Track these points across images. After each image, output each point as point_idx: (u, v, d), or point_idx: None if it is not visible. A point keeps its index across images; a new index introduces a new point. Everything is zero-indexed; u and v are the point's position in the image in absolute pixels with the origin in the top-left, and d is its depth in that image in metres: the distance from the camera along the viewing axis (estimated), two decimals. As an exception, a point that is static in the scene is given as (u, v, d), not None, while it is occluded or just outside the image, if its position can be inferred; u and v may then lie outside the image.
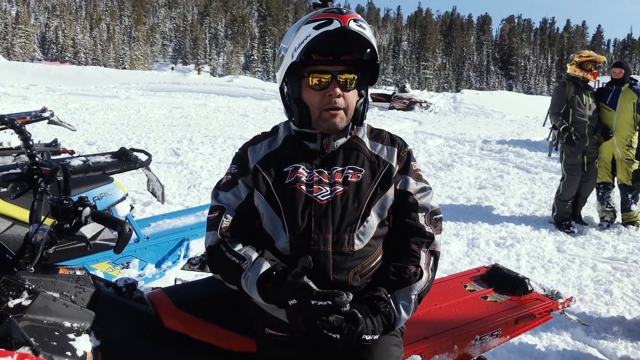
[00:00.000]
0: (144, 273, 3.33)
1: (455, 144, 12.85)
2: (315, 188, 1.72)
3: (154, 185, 5.16)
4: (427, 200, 1.86)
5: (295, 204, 1.71)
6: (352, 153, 1.81)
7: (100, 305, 1.71)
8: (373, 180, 1.78)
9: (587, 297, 4.36)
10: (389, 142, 1.89)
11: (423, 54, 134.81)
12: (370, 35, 1.68)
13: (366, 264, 1.74)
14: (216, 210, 1.79)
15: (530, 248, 5.48)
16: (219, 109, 20.45)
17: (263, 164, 1.79)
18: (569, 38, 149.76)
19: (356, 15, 1.67)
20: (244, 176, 1.80)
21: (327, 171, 1.77)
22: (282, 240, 1.71)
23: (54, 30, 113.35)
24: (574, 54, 6.37)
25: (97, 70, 40.59)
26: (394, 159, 1.85)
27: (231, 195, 1.79)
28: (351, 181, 1.75)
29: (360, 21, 1.67)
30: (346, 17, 1.64)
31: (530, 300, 2.53)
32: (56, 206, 1.58)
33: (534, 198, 7.66)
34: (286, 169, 1.76)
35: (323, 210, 1.70)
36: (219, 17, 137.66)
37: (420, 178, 1.89)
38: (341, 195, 1.72)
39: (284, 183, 1.74)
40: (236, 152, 1.92)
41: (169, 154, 9.99)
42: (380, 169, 1.81)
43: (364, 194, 1.75)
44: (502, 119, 22.61)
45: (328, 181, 1.75)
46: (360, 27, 1.65)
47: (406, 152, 1.90)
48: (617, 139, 6.23)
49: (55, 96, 21.88)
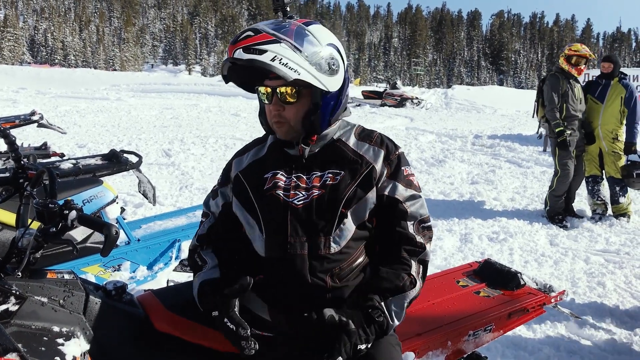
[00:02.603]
0: (136, 275, 3.31)
1: (447, 139, 12.86)
2: (292, 193, 1.72)
3: (145, 186, 5.14)
4: (417, 208, 1.81)
5: (272, 209, 1.72)
6: (333, 156, 1.77)
7: (89, 309, 1.69)
8: (352, 180, 1.74)
9: (580, 290, 4.38)
10: (377, 143, 1.83)
11: (414, 50, 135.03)
12: (267, 60, 1.57)
13: (344, 265, 1.73)
14: (204, 216, 1.93)
15: (523, 242, 5.49)
16: (210, 109, 20.40)
17: (245, 173, 1.83)
18: (558, 32, 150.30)
19: (251, 39, 1.59)
20: (224, 186, 1.88)
21: (306, 176, 1.75)
22: (259, 244, 1.74)
23: (42, 32, 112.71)
24: (566, 47, 6.37)
25: (87, 72, 40.41)
26: (379, 160, 1.78)
27: (214, 204, 1.91)
28: (329, 184, 1.72)
29: (253, 47, 1.58)
30: (232, 47, 1.60)
31: (523, 294, 2.53)
32: (42, 210, 1.56)
33: (526, 192, 7.68)
34: (266, 175, 1.78)
35: (299, 214, 1.70)
36: (209, 17, 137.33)
37: (410, 184, 1.82)
38: (317, 199, 1.71)
39: (263, 189, 1.75)
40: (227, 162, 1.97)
41: (160, 155, 9.96)
42: (362, 169, 1.76)
43: (341, 195, 1.71)
44: (494, 113, 22.66)
45: (306, 186, 1.73)
46: (252, 52, 1.57)
47: (397, 155, 1.83)
48: (602, 132, 6.26)
49: (45, 99, 21.78)
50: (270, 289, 1.74)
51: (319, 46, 1.67)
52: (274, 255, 1.70)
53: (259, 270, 1.75)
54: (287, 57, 1.59)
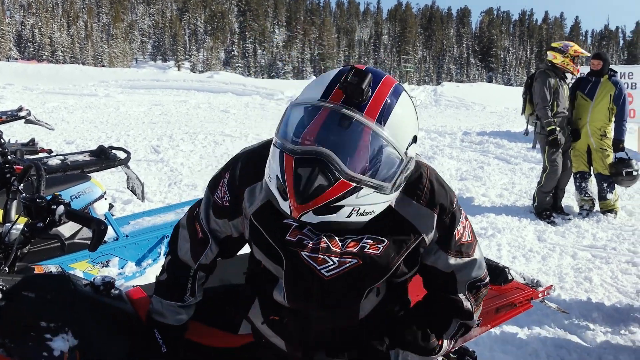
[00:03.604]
0: (124, 271, 3.31)
1: (436, 136, 12.90)
2: (320, 258, 1.39)
3: (133, 183, 5.11)
4: (469, 272, 1.55)
5: (295, 273, 1.44)
6: (374, 219, 1.37)
7: (77, 304, 1.68)
8: (398, 254, 1.43)
9: (567, 285, 4.41)
10: (426, 199, 1.44)
11: (403, 47, 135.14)
12: (343, 217, 1.29)
13: (370, 316, 1.58)
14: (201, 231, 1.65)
15: (511, 238, 5.52)
16: (199, 105, 20.32)
17: (259, 216, 1.47)
18: (547, 29, 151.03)
19: (326, 196, 1.23)
20: (234, 219, 1.57)
21: (339, 238, 1.40)
22: (281, 297, 1.53)
23: (30, 28, 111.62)
24: (566, 45, 6.33)
25: (75, 68, 40.09)
26: (431, 229, 1.44)
27: (221, 224, 1.62)
28: (368, 253, 1.39)
29: (329, 206, 1.25)
30: (301, 207, 1.25)
31: (511, 289, 2.54)
32: (29, 205, 1.55)
33: (515, 188, 7.73)
34: (287, 221, 1.42)
35: (326, 287, 1.42)
36: (198, 13, 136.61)
37: (461, 251, 1.50)
38: (352, 271, 1.40)
39: (284, 238, 1.42)
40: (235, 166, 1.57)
41: (149, 152, 9.91)
42: (409, 241, 1.43)
43: (382, 271, 1.43)
44: (483, 110, 22.77)
45: (339, 250, 1.39)
46: (326, 213, 1.27)
47: (449, 216, 1.46)
48: (591, 129, 6.30)
49: (33, 95, 21.57)
50: (287, 331, 1.61)
51: (400, 160, 1.30)
52: (297, 315, 1.54)
53: (276, 312, 1.59)
54: (366, 202, 1.29)
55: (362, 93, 1.22)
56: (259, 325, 1.67)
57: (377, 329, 1.60)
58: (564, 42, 6.46)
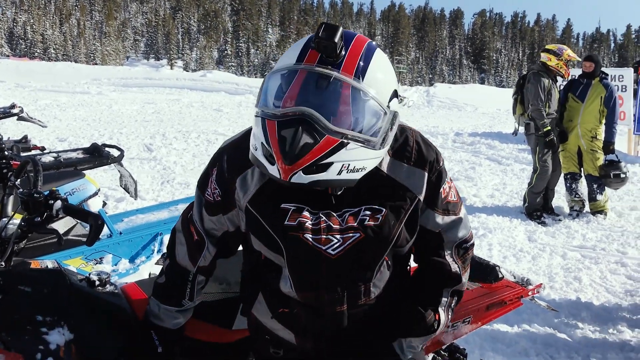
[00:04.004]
0: (118, 268, 3.31)
1: (427, 136, 12.77)
2: (323, 238, 1.39)
3: (126, 181, 5.12)
4: (455, 232, 1.57)
5: (300, 258, 1.42)
6: (365, 187, 1.39)
7: (73, 298, 1.70)
8: (398, 221, 1.44)
9: (557, 285, 4.46)
10: (416, 158, 1.46)
11: (397, 48, 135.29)
12: (333, 175, 1.26)
13: (383, 302, 1.58)
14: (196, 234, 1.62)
15: (502, 238, 5.57)
16: (192, 104, 20.30)
17: (255, 203, 1.45)
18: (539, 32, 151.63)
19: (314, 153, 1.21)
20: (228, 212, 1.54)
21: (337, 214, 1.41)
22: (288, 289, 1.50)
23: (22, 25, 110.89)
24: (561, 49, 6.36)
25: (68, 66, 39.90)
26: (422, 187, 1.46)
27: (216, 222, 1.59)
28: (369, 225, 1.40)
29: (317, 164, 1.23)
30: (289, 169, 1.23)
31: (501, 287, 2.56)
32: (27, 200, 1.56)
33: (506, 189, 7.79)
34: (285, 205, 1.41)
35: (334, 266, 1.41)
36: (192, 12, 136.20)
37: (448, 209, 1.53)
38: (357, 244, 1.40)
39: (284, 225, 1.40)
40: (221, 159, 1.54)
41: (142, 150, 9.91)
42: (407, 205, 1.44)
43: (386, 241, 1.43)
44: (475, 111, 22.88)
45: (339, 226, 1.40)
46: (316, 171, 1.24)
47: (436, 171, 1.49)
48: (581, 130, 6.35)
49: (25, 92, 21.50)
50: (298, 323, 1.58)
51: (383, 112, 1.30)
52: (308, 304, 1.50)
53: (284, 304, 1.55)
54: (356, 158, 1.27)
55: (335, 48, 1.22)
56: (265, 320, 1.63)
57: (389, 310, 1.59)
58: (558, 45, 6.50)
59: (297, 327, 1.58)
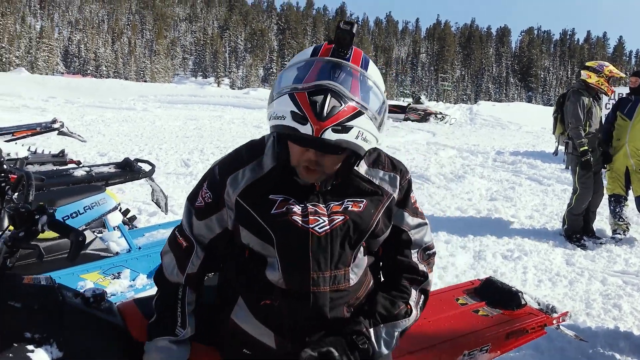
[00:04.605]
0: (135, 283, 3.30)
1: (468, 155, 12.72)
2: (311, 219, 1.53)
3: (157, 195, 5.17)
4: (421, 236, 1.76)
5: (290, 237, 1.53)
6: (349, 186, 1.60)
7: (64, 315, 1.67)
8: (376, 210, 1.62)
9: (594, 312, 4.24)
10: (389, 167, 1.69)
11: (441, 65, 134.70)
12: (352, 138, 1.39)
13: (359, 295, 1.67)
14: (185, 240, 1.68)
15: (538, 261, 5.35)
16: (233, 121, 20.55)
17: (245, 196, 1.57)
18: (589, 49, 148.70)
19: (340, 115, 1.36)
20: (217, 212, 1.63)
21: (323, 204, 1.57)
22: (275, 276, 1.57)
23: (76, 44, 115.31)
24: (601, 65, 6.11)
25: (116, 82, 41.17)
26: (396, 188, 1.68)
27: (204, 226, 1.65)
28: (352, 210, 1.57)
29: (343, 124, 1.37)
30: (322, 124, 1.35)
31: (523, 314, 2.45)
32: (13, 214, 1.55)
33: (546, 210, 7.52)
34: (273, 196, 1.56)
35: (321, 243, 1.54)
36: (239, 31, 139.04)
37: (416, 212, 1.76)
38: (341, 225, 1.55)
39: (273, 213, 1.53)
40: (212, 171, 1.66)
41: (179, 165, 10.02)
42: (384, 200, 1.64)
43: (367, 225, 1.59)
44: (518, 130, 22.39)
45: (325, 212, 1.56)
46: (341, 131, 1.37)
47: (406, 180, 1.72)
48: (630, 149, 6.06)
49: (74, 108, 22.18)
50: (279, 318, 1.61)
51: (382, 102, 1.49)
52: (294, 288, 1.56)
53: (267, 295, 1.60)
54: (368, 130, 1.43)
55: (352, 37, 1.44)
56: (244, 324, 1.65)
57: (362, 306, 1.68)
58: (599, 62, 6.25)
59: (277, 323, 1.62)
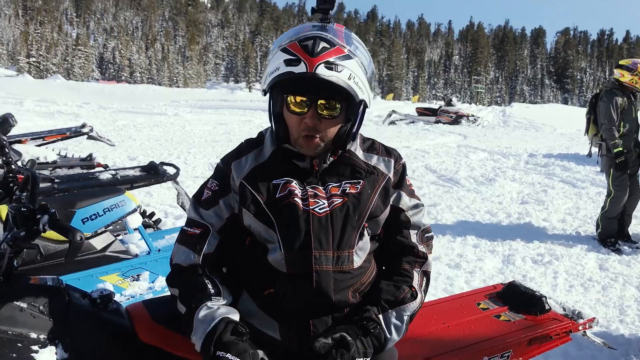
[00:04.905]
0: (154, 285, 3.29)
1: (499, 157, 12.47)
2: (311, 201, 1.58)
3: (182, 198, 5.19)
4: (419, 217, 1.80)
5: (291, 218, 1.57)
6: (347, 168, 1.67)
7: (70, 316, 1.65)
8: (373, 191, 1.66)
9: (628, 319, 4.09)
10: (383, 152, 1.77)
11: (475, 67, 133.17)
12: (345, 78, 1.49)
13: (364, 280, 1.67)
14: (198, 227, 1.65)
15: (569, 265, 5.19)
16: (262, 125, 20.59)
17: (249, 180, 1.63)
18: (628, 49, 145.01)
19: (331, 54, 1.47)
20: (225, 196, 1.66)
21: (322, 187, 1.63)
22: (278, 259, 1.57)
23: (111, 50, 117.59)
24: (635, 63, 5.89)
25: (149, 88, 41.77)
26: (391, 170, 1.74)
27: (213, 214, 1.65)
28: (350, 192, 1.62)
29: (335, 63, 1.47)
30: (315, 60, 1.45)
31: (547, 320, 2.36)
32: (14, 214, 1.54)
33: (579, 213, 7.31)
34: (276, 181, 1.61)
35: (322, 224, 1.57)
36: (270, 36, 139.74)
37: (412, 194, 1.81)
38: (341, 207, 1.59)
39: (275, 198, 1.59)
40: (217, 163, 1.74)
41: (207, 169, 10.06)
42: (380, 180, 1.69)
43: (365, 205, 1.63)
44: (552, 132, 21.94)
45: (324, 195, 1.61)
46: (333, 69, 1.47)
47: (401, 164, 1.79)
48: None
49: (106, 113, 22.54)
50: (284, 305, 1.60)
51: (369, 59, 1.61)
52: (296, 270, 1.56)
53: (271, 282, 1.60)
54: (359, 75, 1.53)
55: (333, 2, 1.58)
56: (250, 318, 1.63)
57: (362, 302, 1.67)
58: (632, 60, 6.04)
59: (282, 311, 1.61)
